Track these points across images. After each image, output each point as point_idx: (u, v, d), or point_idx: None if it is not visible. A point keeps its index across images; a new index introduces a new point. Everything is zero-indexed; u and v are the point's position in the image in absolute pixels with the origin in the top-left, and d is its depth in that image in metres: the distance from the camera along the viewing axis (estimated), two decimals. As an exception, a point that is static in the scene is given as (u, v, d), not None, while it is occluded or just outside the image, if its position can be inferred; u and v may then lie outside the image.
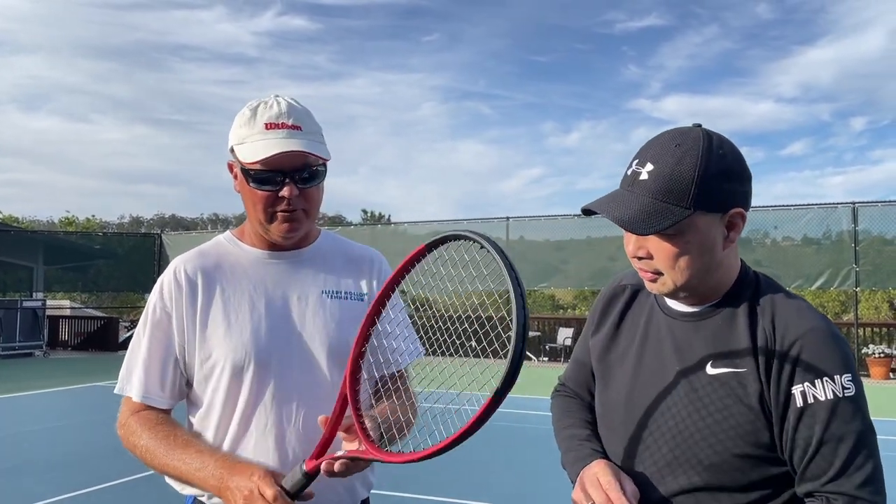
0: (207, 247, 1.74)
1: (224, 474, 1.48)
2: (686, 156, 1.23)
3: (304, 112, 1.63)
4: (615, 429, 1.43)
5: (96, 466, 6.51)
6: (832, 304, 24.28)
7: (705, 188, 1.22)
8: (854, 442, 1.22)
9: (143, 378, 1.63)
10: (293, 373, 1.62)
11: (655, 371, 1.38)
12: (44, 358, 17.38)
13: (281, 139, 1.56)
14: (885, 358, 13.58)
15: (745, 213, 1.29)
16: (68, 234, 26.04)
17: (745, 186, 1.29)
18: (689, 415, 1.30)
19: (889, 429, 8.73)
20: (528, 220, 16.74)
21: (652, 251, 1.29)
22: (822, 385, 1.22)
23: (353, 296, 1.73)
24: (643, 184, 1.25)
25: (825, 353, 1.24)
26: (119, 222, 50.29)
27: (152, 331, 1.64)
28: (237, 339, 1.60)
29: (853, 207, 13.71)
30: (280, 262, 1.70)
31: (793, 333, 1.25)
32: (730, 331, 1.31)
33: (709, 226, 1.26)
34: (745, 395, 1.26)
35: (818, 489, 1.23)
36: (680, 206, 1.22)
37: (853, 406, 1.23)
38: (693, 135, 1.26)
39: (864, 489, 1.21)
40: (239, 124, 1.62)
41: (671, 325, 1.39)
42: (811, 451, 1.22)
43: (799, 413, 1.23)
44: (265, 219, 1.62)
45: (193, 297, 1.64)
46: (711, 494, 1.28)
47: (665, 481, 1.32)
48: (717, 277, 1.33)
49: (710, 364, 1.31)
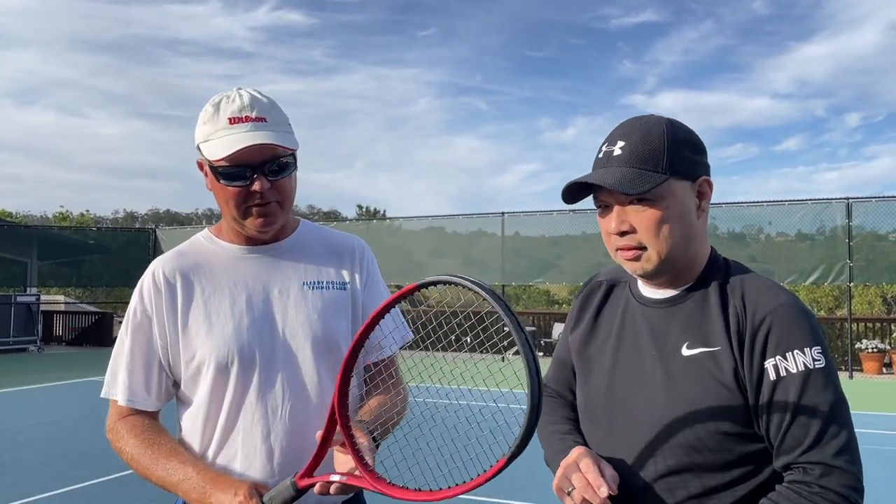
0: (185, 246, 1.73)
1: (207, 488, 1.47)
2: (653, 129, 1.35)
3: (268, 104, 1.60)
4: (597, 419, 1.45)
5: (91, 461, 6.50)
6: (826, 299, 24.36)
7: (676, 156, 1.32)
8: (827, 412, 1.24)
9: (127, 381, 1.62)
10: (277, 366, 1.61)
11: (633, 359, 1.41)
12: (38, 353, 17.36)
13: (246, 133, 1.53)
14: (878, 353, 13.65)
15: (711, 182, 1.38)
16: (62, 228, 25.95)
17: (705, 158, 1.39)
18: (667, 397, 1.34)
19: (882, 423, 8.78)
20: (523, 216, 16.76)
21: (634, 223, 1.34)
22: (794, 358, 1.26)
23: (335, 285, 1.71)
24: (619, 157, 1.34)
25: (795, 328, 1.28)
26: (113, 217, 50.25)
27: (134, 334, 1.64)
28: (219, 336, 1.59)
29: (847, 203, 13.75)
30: (259, 257, 1.69)
31: (763, 310, 1.30)
32: (702, 313, 1.36)
33: (683, 192, 1.34)
34: (720, 374, 1.30)
35: (795, 460, 1.25)
36: (657, 172, 1.31)
37: (825, 377, 1.26)
38: (654, 117, 1.39)
39: (840, 458, 1.22)
40: (202, 121, 1.58)
41: (646, 312, 1.43)
42: (786, 424, 1.25)
43: (772, 386, 1.26)
44: (239, 215, 1.60)
45: (173, 299, 1.63)
46: (694, 475, 1.31)
47: (648, 465, 1.34)
48: (693, 251, 1.38)
49: (686, 346, 1.35)
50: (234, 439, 1.60)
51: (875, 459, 6.82)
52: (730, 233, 15.28)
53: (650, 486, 1.34)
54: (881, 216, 13.81)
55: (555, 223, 16.39)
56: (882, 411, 9.66)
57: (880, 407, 9.99)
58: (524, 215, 16.74)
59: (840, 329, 14.69)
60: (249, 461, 1.59)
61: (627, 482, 1.35)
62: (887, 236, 14.03)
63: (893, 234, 13.95)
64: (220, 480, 1.48)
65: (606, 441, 1.42)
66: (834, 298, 23.78)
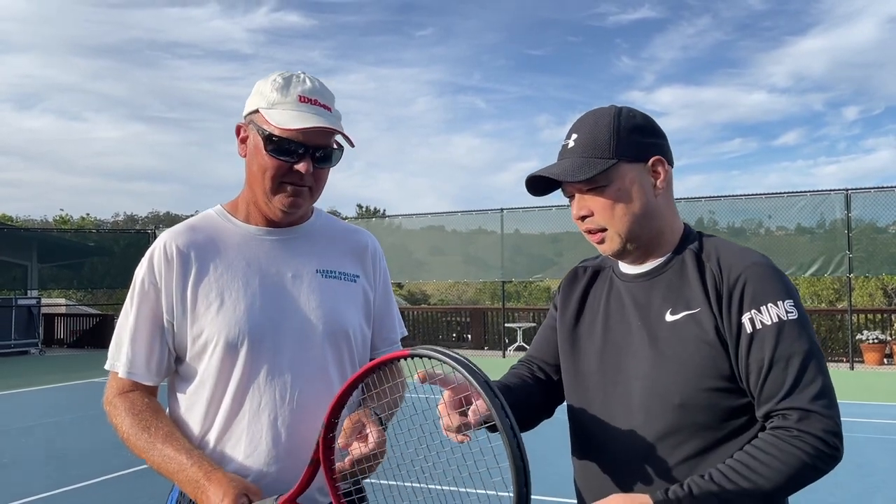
0: (197, 220, 1.70)
1: (201, 482, 1.45)
2: (601, 120, 1.45)
3: (332, 96, 1.64)
4: (590, 394, 1.50)
5: (91, 461, 6.48)
6: (826, 291, 24.35)
7: (622, 141, 1.42)
8: (802, 360, 1.30)
9: (130, 354, 1.60)
10: (287, 351, 1.59)
11: (621, 333, 1.48)
12: (39, 356, 17.37)
13: (316, 115, 1.56)
14: (879, 344, 13.65)
15: (665, 161, 1.45)
16: (62, 231, 25.93)
17: (659, 140, 1.47)
18: (656, 361, 1.40)
19: (885, 413, 8.78)
20: (522, 212, 16.74)
21: (592, 208, 1.44)
22: (768, 310, 1.33)
23: (348, 276, 1.71)
24: (571, 149, 1.45)
25: (768, 284, 1.35)
26: (113, 220, 50.17)
27: (140, 306, 1.61)
28: (231, 316, 1.57)
29: (846, 194, 13.72)
30: (274, 239, 1.67)
31: (737, 269, 1.37)
32: (681, 279, 1.43)
33: (636, 174, 1.42)
34: (702, 333, 1.36)
35: (773, 408, 1.30)
36: (604, 158, 1.41)
37: (798, 327, 1.32)
38: (606, 108, 1.48)
39: (816, 403, 1.27)
40: (270, 89, 1.58)
41: (629, 288, 1.50)
42: (763, 373, 1.31)
43: (749, 339, 1.32)
44: (271, 188, 1.58)
45: (184, 272, 1.60)
46: (689, 434, 1.36)
47: (644, 430, 1.39)
48: (658, 226, 1.46)
49: (669, 312, 1.42)
50: (240, 422, 1.57)
51: (878, 449, 6.82)
52: (729, 227, 15.27)
53: (649, 450, 1.38)
54: (880, 207, 13.78)
55: (554, 219, 16.36)
56: (884, 401, 9.66)
57: (882, 397, 9.99)
58: (523, 212, 16.72)
59: (841, 320, 14.68)
60: (255, 445, 1.57)
61: (626, 449, 1.41)
62: (887, 228, 14.02)
63: (893, 226, 13.94)
64: (215, 476, 1.45)
65: (603, 412, 1.46)
66: (834, 291, 23.78)
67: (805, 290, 23.71)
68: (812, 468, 1.25)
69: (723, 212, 15.12)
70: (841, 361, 13.88)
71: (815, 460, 1.25)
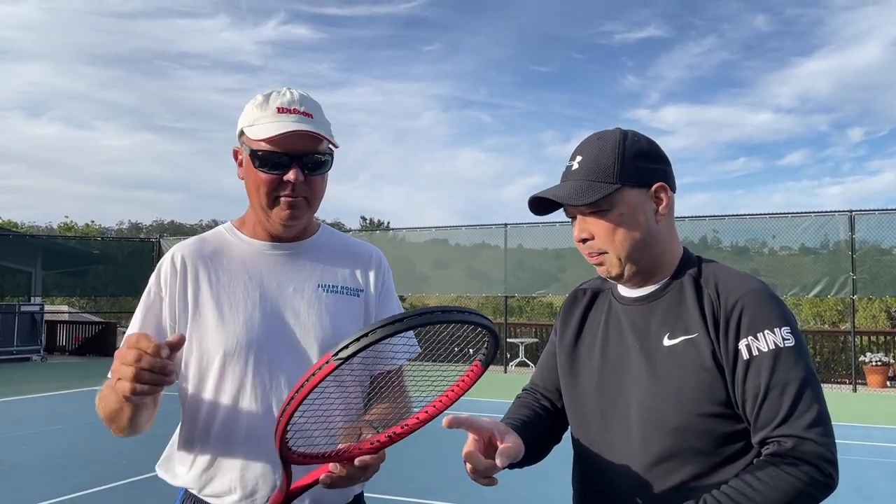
0: (209, 235, 1.75)
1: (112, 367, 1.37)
2: (606, 144, 1.45)
3: (315, 104, 1.65)
4: (588, 417, 1.51)
5: (93, 469, 6.49)
6: (830, 313, 24.26)
7: (627, 166, 1.42)
8: (798, 387, 1.30)
9: None
10: (285, 364, 1.61)
11: (619, 356, 1.48)
12: (41, 362, 17.36)
13: (293, 122, 1.58)
14: (882, 366, 13.59)
15: (668, 187, 1.46)
16: (67, 238, 26.01)
17: (663, 166, 1.47)
18: (654, 386, 1.40)
19: (887, 436, 8.73)
20: (526, 228, 16.74)
21: (593, 231, 1.45)
22: (764, 337, 1.33)
23: (350, 291, 1.73)
24: (575, 172, 1.45)
25: (765, 310, 1.35)
26: (118, 228, 50.19)
27: (145, 313, 1.64)
28: (229, 328, 1.60)
29: (850, 215, 13.72)
30: (278, 254, 1.70)
31: (735, 295, 1.38)
32: (679, 304, 1.44)
33: (638, 199, 1.43)
34: (699, 358, 1.37)
35: (769, 435, 1.30)
36: (608, 183, 1.41)
37: (794, 355, 1.32)
38: (611, 131, 1.48)
39: (812, 430, 1.27)
40: (251, 108, 1.63)
41: (628, 311, 1.51)
42: (759, 400, 1.31)
43: (746, 365, 1.33)
44: (267, 203, 1.61)
45: (187, 283, 1.64)
46: (686, 459, 1.36)
47: (641, 454, 1.40)
48: (658, 252, 1.46)
49: (667, 337, 1.42)
50: (237, 432, 1.59)
51: (880, 472, 6.79)
52: (733, 246, 15.25)
53: (644, 473, 1.39)
54: (885, 229, 13.76)
55: (558, 235, 16.36)
56: (886, 424, 9.60)
57: (885, 420, 9.94)
58: (527, 227, 16.73)
59: (844, 342, 14.62)
60: (253, 455, 1.58)
61: (622, 472, 1.41)
62: (891, 250, 13.98)
63: (897, 248, 13.91)
64: None
65: (600, 436, 1.48)
66: (838, 312, 23.70)
67: (808, 311, 23.63)
68: (807, 496, 1.25)
69: (727, 231, 15.10)
70: (844, 383, 13.80)
71: (809, 488, 1.25)
